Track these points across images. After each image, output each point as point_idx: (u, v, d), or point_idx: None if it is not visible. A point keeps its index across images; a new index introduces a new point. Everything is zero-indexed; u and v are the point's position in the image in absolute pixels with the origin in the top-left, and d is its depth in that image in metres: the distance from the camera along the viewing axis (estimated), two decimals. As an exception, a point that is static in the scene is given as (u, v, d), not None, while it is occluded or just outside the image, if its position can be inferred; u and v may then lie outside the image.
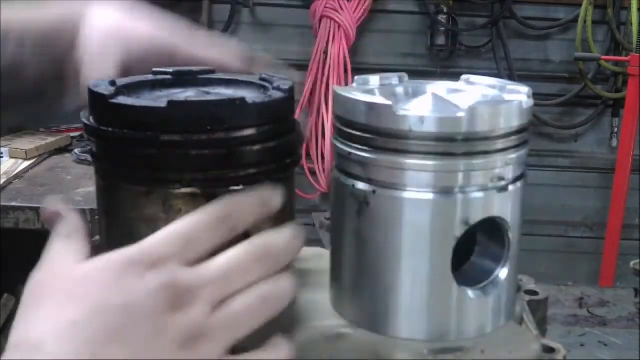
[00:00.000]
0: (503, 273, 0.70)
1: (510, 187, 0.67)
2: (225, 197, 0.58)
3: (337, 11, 2.97)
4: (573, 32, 3.15)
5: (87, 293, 0.51)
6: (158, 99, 0.68)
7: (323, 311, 0.72)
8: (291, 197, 0.68)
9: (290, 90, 0.68)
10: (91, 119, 0.66)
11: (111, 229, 0.67)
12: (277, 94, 0.67)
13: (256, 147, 0.65)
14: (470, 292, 0.68)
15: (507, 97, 0.71)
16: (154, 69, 0.73)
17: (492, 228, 0.69)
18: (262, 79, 0.73)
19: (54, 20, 0.73)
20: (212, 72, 0.76)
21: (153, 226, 0.63)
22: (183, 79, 0.75)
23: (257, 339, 0.57)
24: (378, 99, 0.68)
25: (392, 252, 0.66)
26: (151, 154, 0.63)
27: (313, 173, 3.06)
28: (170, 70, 0.73)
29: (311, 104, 3.02)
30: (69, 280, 0.52)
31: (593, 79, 3.18)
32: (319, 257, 0.79)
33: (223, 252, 0.55)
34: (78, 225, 0.60)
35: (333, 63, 2.98)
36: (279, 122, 0.67)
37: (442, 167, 0.64)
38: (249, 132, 0.64)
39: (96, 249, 0.58)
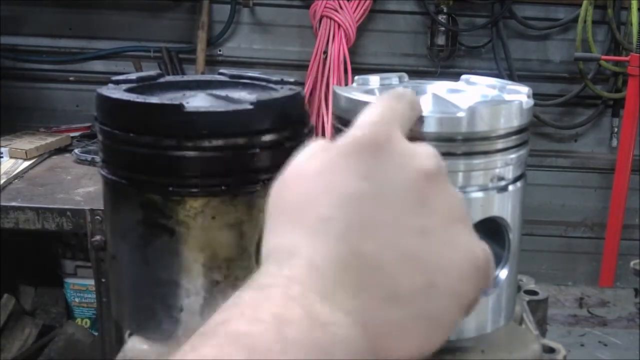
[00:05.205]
0: (503, 273, 0.70)
1: (510, 187, 0.67)
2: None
3: (337, 11, 2.97)
4: (573, 32, 3.15)
5: (330, 185, 0.47)
6: (217, 104, 0.69)
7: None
8: None
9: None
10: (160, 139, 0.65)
11: (183, 242, 0.68)
12: (291, 92, 0.69)
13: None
14: (470, 292, 0.67)
15: (507, 97, 0.71)
16: (115, 78, 0.73)
17: (492, 228, 0.69)
18: (252, 78, 0.74)
19: None
20: (162, 76, 0.76)
21: (238, 230, 0.65)
22: (179, 83, 0.75)
23: None
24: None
25: (392, 252, 0.66)
26: (236, 158, 0.65)
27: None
28: (133, 77, 0.73)
29: (311, 104, 3.01)
30: (306, 177, 0.48)
31: (593, 79, 3.18)
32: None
33: None
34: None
35: (333, 63, 2.98)
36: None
37: (442, 167, 0.64)
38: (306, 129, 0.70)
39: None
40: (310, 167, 0.49)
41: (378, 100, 0.53)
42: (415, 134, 0.58)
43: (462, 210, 0.50)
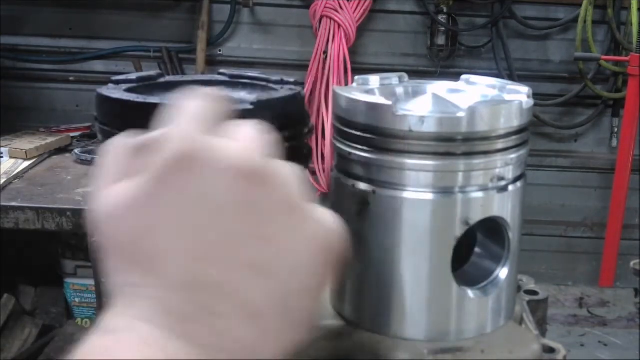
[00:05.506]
0: (503, 273, 0.70)
1: (510, 187, 0.67)
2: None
3: (337, 11, 2.97)
4: (573, 32, 3.15)
5: (153, 217, 0.45)
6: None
7: (323, 311, 0.72)
8: None
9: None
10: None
11: None
12: (291, 92, 0.69)
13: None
14: (470, 292, 0.68)
15: (507, 97, 0.71)
16: (115, 78, 0.73)
17: (492, 228, 0.69)
18: (252, 78, 0.75)
19: None
20: (162, 76, 0.76)
21: None
22: (164, 84, 0.75)
23: None
24: (378, 99, 0.68)
25: (392, 252, 0.66)
26: None
27: (313, 173, 3.06)
28: (133, 77, 0.73)
29: (311, 104, 3.01)
30: (128, 210, 0.46)
31: (593, 79, 3.18)
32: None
33: None
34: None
35: (333, 63, 2.98)
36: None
37: (442, 167, 0.64)
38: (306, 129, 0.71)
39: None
40: (130, 197, 0.46)
41: (177, 107, 0.50)
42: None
43: (293, 197, 0.48)
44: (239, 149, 0.47)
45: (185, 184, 0.45)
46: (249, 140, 0.48)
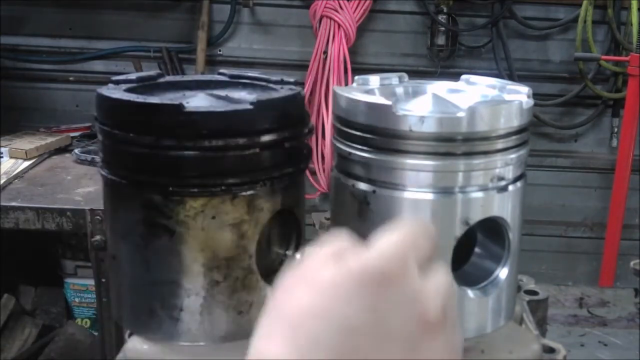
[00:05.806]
0: (503, 273, 0.70)
1: (510, 187, 0.67)
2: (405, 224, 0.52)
3: (337, 11, 2.97)
4: (573, 32, 3.15)
5: (332, 308, 0.47)
6: (216, 104, 0.70)
7: None
8: (302, 196, 0.75)
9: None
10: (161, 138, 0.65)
11: (183, 242, 0.68)
12: (291, 92, 0.70)
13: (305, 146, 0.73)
14: (470, 292, 0.68)
15: (507, 97, 0.71)
16: (115, 78, 0.74)
17: (492, 228, 0.69)
18: (252, 78, 0.75)
19: None
20: (162, 76, 0.77)
21: (238, 230, 0.65)
22: (178, 83, 0.75)
23: None
24: (378, 99, 0.68)
25: (392, 252, 0.66)
26: (236, 158, 0.65)
27: (313, 173, 3.06)
28: (133, 77, 0.74)
29: (311, 104, 3.01)
30: (312, 290, 0.48)
31: (593, 79, 3.18)
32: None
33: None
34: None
35: (333, 63, 2.98)
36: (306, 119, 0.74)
37: (442, 167, 0.64)
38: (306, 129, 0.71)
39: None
40: (319, 279, 0.48)
41: (399, 226, 0.52)
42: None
43: (454, 356, 0.50)
44: (432, 292, 0.49)
45: (373, 299, 0.47)
46: (441, 288, 0.50)
